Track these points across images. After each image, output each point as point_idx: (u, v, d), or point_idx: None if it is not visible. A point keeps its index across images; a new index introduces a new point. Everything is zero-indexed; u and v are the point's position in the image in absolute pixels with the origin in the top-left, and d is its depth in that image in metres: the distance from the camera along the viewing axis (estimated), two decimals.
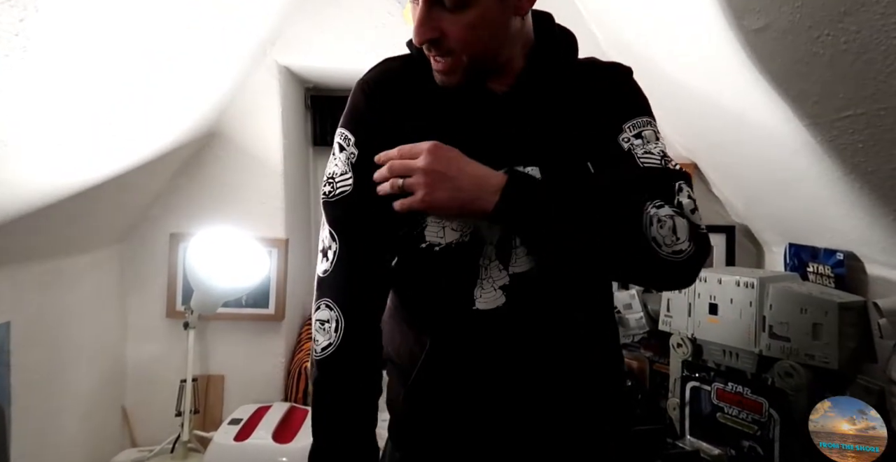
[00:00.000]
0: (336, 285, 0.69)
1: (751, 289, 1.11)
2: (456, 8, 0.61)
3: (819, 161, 0.95)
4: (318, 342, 0.69)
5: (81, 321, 1.32)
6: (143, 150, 1.23)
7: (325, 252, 0.70)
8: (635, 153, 0.66)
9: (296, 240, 1.68)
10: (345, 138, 0.71)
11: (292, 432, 1.35)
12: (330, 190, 0.70)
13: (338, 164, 0.70)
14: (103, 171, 1.13)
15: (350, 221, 0.70)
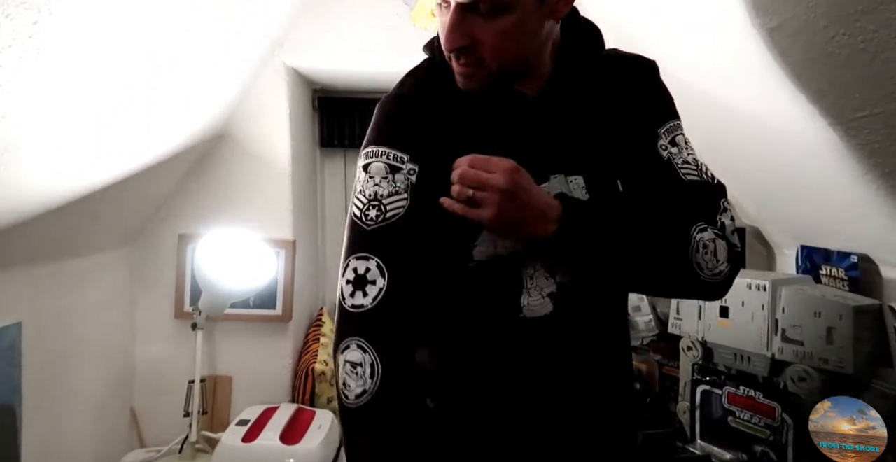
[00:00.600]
0: (376, 325, 0.62)
1: (763, 291, 1.10)
2: (491, 14, 0.58)
3: (834, 162, 0.94)
4: (348, 387, 0.62)
5: (90, 322, 1.32)
6: (152, 152, 1.24)
7: (362, 285, 0.63)
8: (675, 163, 0.67)
9: (303, 241, 1.68)
10: (395, 157, 0.66)
11: (300, 434, 1.35)
12: (377, 214, 0.64)
13: (384, 184, 0.64)
14: (113, 172, 1.14)
15: (402, 251, 0.64)
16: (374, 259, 0.63)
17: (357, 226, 0.65)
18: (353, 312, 0.63)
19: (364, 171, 0.66)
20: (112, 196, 1.20)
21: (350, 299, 0.63)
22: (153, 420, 1.50)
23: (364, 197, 0.65)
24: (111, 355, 1.42)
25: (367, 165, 0.66)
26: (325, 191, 1.90)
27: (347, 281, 0.63)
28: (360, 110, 1.81)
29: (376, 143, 0.67)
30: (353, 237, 0.65)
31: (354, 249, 0.65)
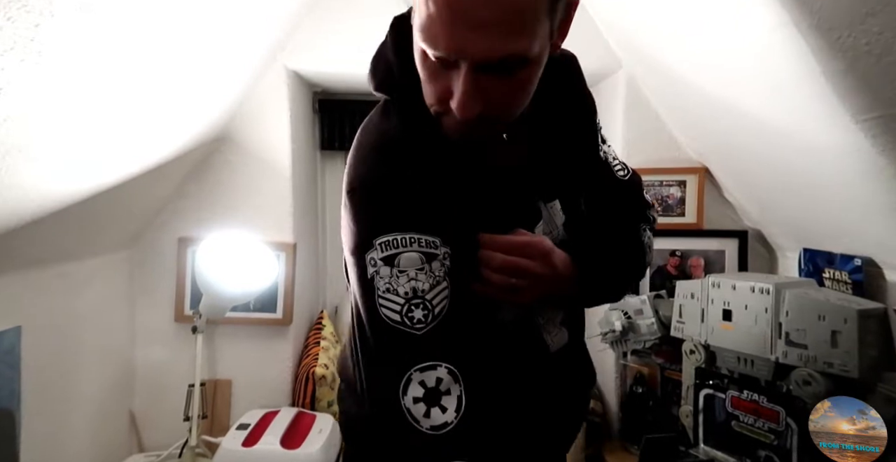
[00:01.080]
0: (472, 442, 0.53)
1: (766, 295, 1.09)
2: (511, 70, 0.51)
3: (838, 165, 0.94)
4: None
5: (90, 325, 1.31)
6: (153, 155, 1.24)
7: (436, 399, 0.52)
8: (609, 162, 0.74)
9: (304, 244, 1.67)
10: (428, 244, 0.55)
11: (300, 438, 1.34)
12: (424, 314, 0.54)
13: (422, 277, 0.54)
14: (114, 175, 1.14)
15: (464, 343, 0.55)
16: (443, 366, 0.53)
17: (400, 333, 0.53)
18: (436, 435, 0.51)
19: (388, 264, 0.54)
20: (113, 199, 1.20)
21: (426, 420, 0.52)
22: (153, 424, 1.50)
23: (398, 296, 0.54)
24: (111, 359, 1.42)
25: (393, 257, 0.54)
26: (326, 194, 1.89)
27: (416, 399, 0.52)
28: (360, 113, 1.78)
29: (400, 230, 0.54)
30: (401, 347, 0.54)
31: (413, 360, 0.53)
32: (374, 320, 0.54)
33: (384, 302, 0.54)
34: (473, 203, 0.59)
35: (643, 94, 1.45)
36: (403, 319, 0.54)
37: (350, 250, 0.57)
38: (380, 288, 0.54)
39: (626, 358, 1.49)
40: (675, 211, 1.45)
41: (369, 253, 0.54)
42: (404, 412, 0.52)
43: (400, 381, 0.52)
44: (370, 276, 0.54)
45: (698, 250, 1.45)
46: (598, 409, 1.49)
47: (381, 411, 0.54)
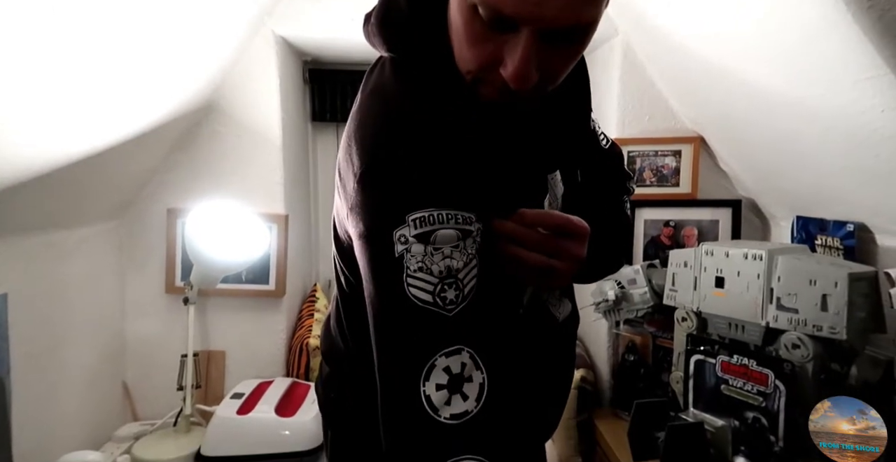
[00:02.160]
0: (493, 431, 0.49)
1: (759, 261, 1.10)
2: (576, 37, 0.49)
3: (835, 128, 0.93)
4: None
5: (79, 295, 1.30)
6: (138, 122, 1.20)
7: (459, 386, 0.49)
8: (597, 132, 0.75)
9: (296, 216, 1.66)
10: (465, 220, 0.51)
11: (295, 406, 1.35)
12: (456, 294, 0.50)
13: (457, 256, 0.50)
14: (97, 142, 1.11)
15: (486, 326, 0.52)
16: (466, 350, 0.49)
17: (430, 313, 0.49)
18: (454, 424, 0.48)
19: (422, 242, 0.49)
20: (99, 167, 1.17)
21: (447, 409, 0.48)
22: (146, 394, 1.50)
23: (432, 275, 0.49)
24: (101, 329, 1.41)
25: (429, 234, 0.50)
26: (318, 166, 1.87)
27: (438, 386, 0.48)
28: (352, 83, 1.77)
29: (436, 205, 0.50)
30: (430, 328, 0.49)
31: (441, 343, 0.49)
32: (401, 302, 0.49)
33: (414, 282, 0.50)
34: (501, 177, 0.55)
35: (639, 62, 1.42)
36: (436, 300, 0.49)
37: (369, 228, 0.52)
38: (410, 267, 0.49)
39: (619, 327, 1.50)
40: (669, 181, 1.45)
41: (399, 230, 0.50)
42: (422, 401, 0.48)
43: (423, 366, 0.48)
44: (398, 255, 0.50)
45: (692, 220, 1.45)
46: (589, 377, 1.51)
47: (395, 400, 0.50)
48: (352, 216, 0.54)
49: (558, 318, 0.69)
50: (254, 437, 1.26)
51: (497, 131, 0.57)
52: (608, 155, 0.76)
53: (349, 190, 0.55)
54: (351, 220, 0.55)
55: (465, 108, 0.54)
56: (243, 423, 1.26)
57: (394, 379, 0.50)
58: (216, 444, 1.24)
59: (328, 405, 0.72)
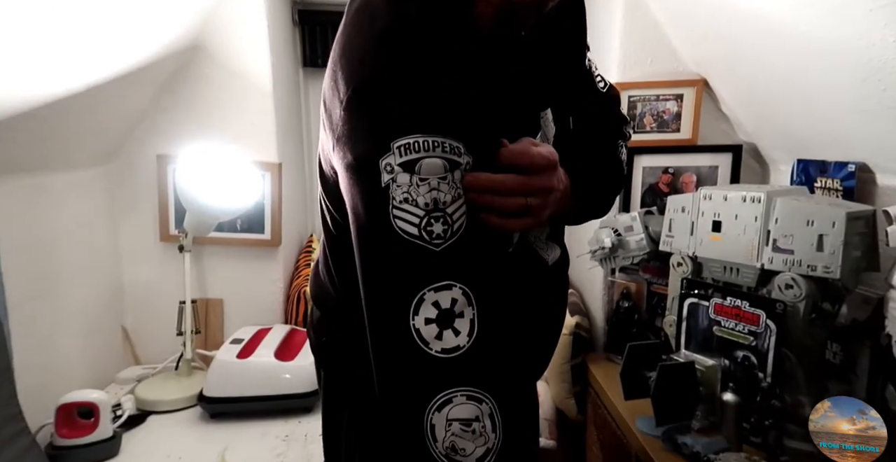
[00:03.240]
0: (484, 365, 0.49)
1: (757, 204, 1.09)
2: None
3: (842, 63, 0.90)
4: (462, 452, 0.47)
5: (72, 241, 1.29)
6: (122, 61, 1.16)
7: (449, 321, 0.48)
8: (593, 73, 0.72)
9: (289, 165, 1.63)
10: (453, 150, 0.49)
11: (294, 351, 1.37)
12: (444, 229, 0.48)
13: (444, 188, 0.48)
14: (80, 80, 1.07)
15: (479, 264, 0.51)
16: (458, 286, 0.48)
17: (416, 247, 0.48)
18: (445, 359, 0.48)
19: (408, 171, 0.47)
20: (83, 107, 1.13)
21: (437, 343, 0.48)
22: (146, 340, 1.52)
23: (418, 207, 0.48)
24: (97, 275, 1.41)
25: (414, 163, 0.47)
26: (311, 114, 1.82)
27: (427, 320, 0.48)
28: None
29: (422, 131, 0.48)
30: (416, 263, 0.48)
31: (429, 278, 0.48)
32: (387, 234, 0.48)
33: (400, 213, 0.48)
34: (492, 108, 0.53)
35: (642, 2, 1.36)
36: (421, 233, 0.48)
37: (356, 158, 0.50)
38: (396, 198, 0.48)
39: (614, 275, 1.51)
40: (670, 127, 1.42)
41: (385, 158, 0.48)
42: (412, 334, 0.48)
43: (411, 300, 0.48)
44: (384, 185, 0.48)
45: (691, 167, 1.44)
46: (584, 324, 1.54)
47: (384, 333, 0.50)
48: (338, 148, 0.52)
49: (548, 261, 0.69)
50: (255, 380, 1.28)
51: (490, 60, 0.54)
52: (603, 97, 0.73)
53: (335, 119, 0.53)
54: (337, 152, 0.52)
55: (458, 27, 0.51)
56: (244, 367, 1.29)
57: (381, 313, 0.50)
58: (218, 386, 1.27)
59: (320, 348, 0.73)
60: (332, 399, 0.74)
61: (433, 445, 0.47)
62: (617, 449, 1.29)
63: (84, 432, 1.07)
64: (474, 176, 0.51)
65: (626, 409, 1.22)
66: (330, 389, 0.74)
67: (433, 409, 0.47)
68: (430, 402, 0.47)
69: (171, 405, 1.29)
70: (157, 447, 1.14)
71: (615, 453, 1.30)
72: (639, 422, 1.18)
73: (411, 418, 0.48)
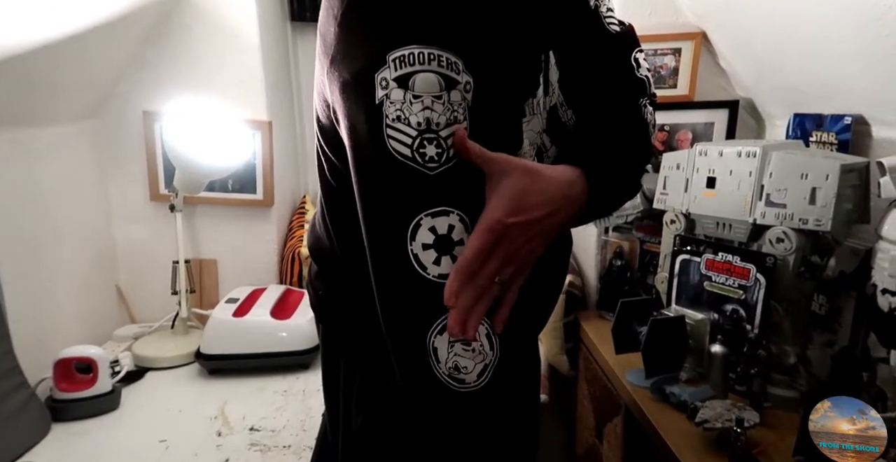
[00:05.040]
0: None
1: (752, 158, 1.09)
2: None
3: (846, 8, 0.88)
4: (464, 370, 0.48)
5: (60, 199, 1.27)
6: (101, 8, 1.11)
7: (449, 247, 0.47)
8: (601, 12, 0.64)
9: (280, 124, 1.60)
10: (450, 65, 0.45)
11: (290, 310, 1.38)
12: (438, 152, 0.46)
13: (438, 108, 0.46)
14: (58, 28, 1.02)
15: (479, 193, 0.49)
16: (456, 213, 0.47)
17: (410, 170, 0.46)
18: (443, 283, 0.47)
19: (401, 86, 0.45)
20: (61, 58, 1.09)
21: (435, 268, 0.47)
22: (141, 299, 1.52)
23: (410, 127, 0.45)
24: (88, 234, 1.39)
25: (407, 77, 0.45)
26: (300, 71, 1.77)
27: (425, 245, 0.47)
28: None
29: (419, 40, 0.45)
30: (410, 185, 0.47)
31: (424, 203, 0.47)
32: (381, 154, 0.46)
33: (393, 132, 0.46)
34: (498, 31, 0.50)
35: None
36: (414, 155, 0.46)
37: (352, 74, 0.47)
38: (389, 115, 0.46)
39: (608, 233, 1.52)
40: (667, 82, 1.40)
41: (380, 72, 0.45)
42: (410, 259, 0.47)
43: (408, 224, 0.47)
44: (378, 101, 0.46)
45: (687, 124, 1.42)
46: (577, 282, 1.55)
47: (384, 258, 0.49)
48: (332, 71, 0.50)
49: None
50: (251, 338, 1.29)
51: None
52: (617, 42, 0.65)
53: (328, 41, 0.50)
54: (331, 75, 0.50)
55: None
56: (240, 325, 1.30)
57: (380, 238, 0.49)
58: (215, 343, 1.28)
59: (318, 302, 0.73)
60: (330, 349, 0.74)
61: (436, 366, 0.48)
62: (607, 401, 1.33)
63: (83, 386, 1.09)
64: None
65: (616, 363, 1.25)
66: (328, 342, 0.75)
67: (435, 331, 0.48)
68: (432, 325, 0.48)
69: (168, 362, 1.31)
70: (156, 401, 1.16)
71: (605, 405, 1.34)
72: (628, 374, 1.21)
73: (414, 341, 0.48)
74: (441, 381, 0.48)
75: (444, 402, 0.50)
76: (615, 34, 0.65)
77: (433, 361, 0.48)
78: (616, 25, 0.65)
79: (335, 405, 0.73)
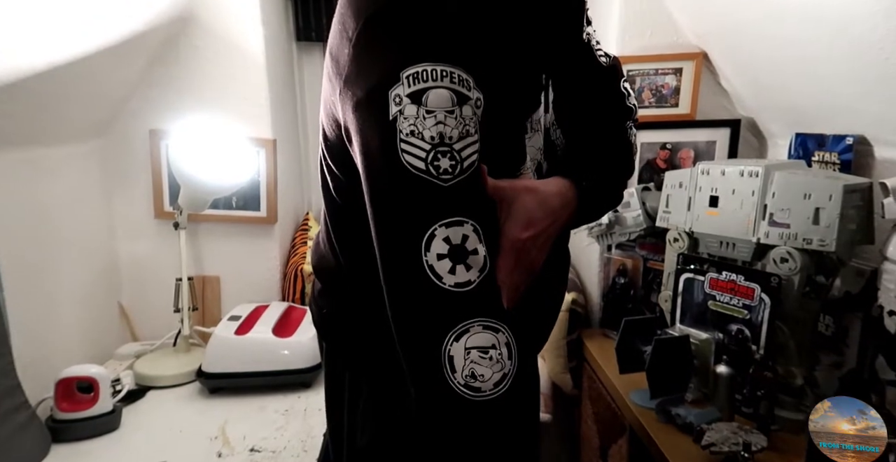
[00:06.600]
0: (494, 296, 0.51)
1: (755, 178, 1.09)
2: None
3: (845, 31, 0.89)
4: (481, 378, 0.49)
5: (65, 216, 1.28)
6: (112, 31, 1.13)
7: (463, 257, 0.49)
8: (592, 46, 0.70)
9: (284, 141, 1.61)
10: (462, 81, 0.47)
11: (291, 328, 1.37)
12: (452, 165, 0.48)
13: (451, 122, 0.47)
14: (69, 51, 1.04)
15: (489, 204, 0.52)
16: (470, 223, 0.49)
17: (424, 182, 0.47)
18: (459, 292, 0.49)
19: (414, 102, 0.47)
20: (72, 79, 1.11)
21: (451, 277, 0.48)
22: (143, 316, 1.52)
23: (423, 141, 0.47)
24: (92, 252, 1.40)
25: (421, 93, 0.47)
26: (305, 90, 1.79)
27: (440, 255, 0.48)
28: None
29: (432, 58, 0.47)
30: (425, 197, 0.48)
31: (439, 214, 0.48)
32: (395, 169, 0.48)
33: (407, 147, 0.47)
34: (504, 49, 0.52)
35: None
36: (429, 168, 0.47)
37: (366, 92, 0.49)
38: (403, 131, 0.47)
39: (611, 251, 1.52)
40: (668, 101, 1.40)
41: (394, 89, 0.47)
42: (425, 269, 0.48)
43: (423, 235, 0.48)
44: (392, 117, 0.47)
45: (689, 142, 1.43)
46: (580, 300, 1.55)
47: (398, 269, 0.50)
48: (345, 91, 0.51)
49: None
50: (253, 356, 1.29)
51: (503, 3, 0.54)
52: (607, 72, 0.72)
53: (342, 63, 0.52)
54: (344, 95, 0.52)
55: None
56: (242, 343, 1.29)
57: (394, 250, 0.50)
58: (217, 362, 1.27)
59: (321, 320, 0.73)
60: (334, 366, 0.74)
61: (451, 376, 0.48)
62: (611, 421, 1.31)
63: (84, 406, 1.08)
64: None
65: (620, 382, 1.24)
66: (332, 359, 0.75)
67: (451, 339, 0.48)
68: (448, 333, 0.48)
69: (170, 380, 1.30)
70: (157, 421, 1.15)
71: (610, 425, 1.33)
72: (633, 394, 1.20)
73: (429, 352, 0.49)
74: (455, 391, 0.48)
75: (457, 413, 0.50)
76: (606, 66, 0.71)
77: (448, 371, 0.48)
78: (604, 57, 0.71)
79: (339, 424, 0.73)
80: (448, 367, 0.48)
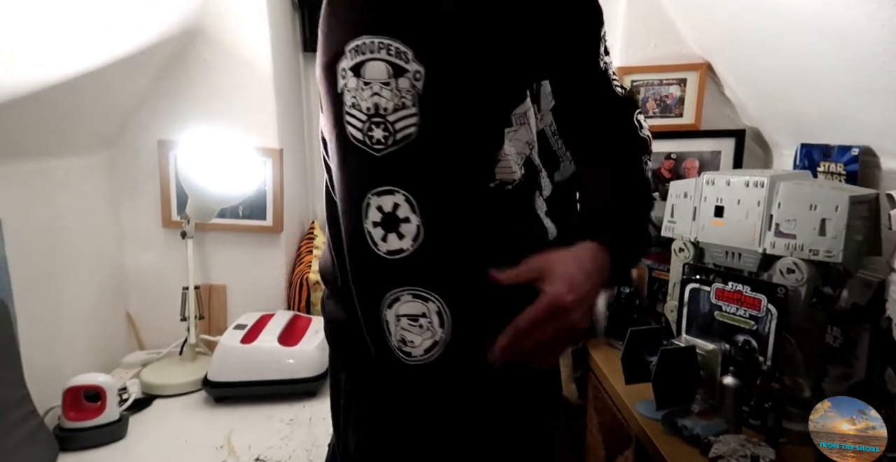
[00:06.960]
0: (429, 268, 0.51)
1: (760, 188, 1.09)
2: None
3: (849, 43, 0.89)
4: (410, 343, 0.51)
5: (74, 226, 1.30)
6: (121, 44, 1.15)
7: (394, 225, 0.50)
8: (609, 75, 0.71)
9: (290, 151, 1.62)
10: (398, 53, 0.48)
11: (297, 337, 1.38)
12: (384, 135, 0.49)
13: (385, 93, 0.48)
14: (80, 64, 1.06)
15: (427, 176, 0.51)
16: (400, 192, 0.50)
17: (362, 152, 0.50)
18: (391, 259, 0.50)
19: (355, 74, 0.49)
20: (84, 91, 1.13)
21: (384, 244, 0.50)
22: (149, 325, 1.53)
23: (361, 112, 0.49)
24: (100, 260, 1.41)
25: (360, 66, 0.48)
26: (311, 100, 1.81)
27: (374, 223, 0.50)
28: None
29: (371, 31, 0.48)
30: (361, 166, 0.51)
31: (371, 183, 0.50)
32: (343, 139, 0.51)
33: (349, 118, 0.50)
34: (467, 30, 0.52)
35: None
36: (365, 138, 0.50)
37: (323, 66, 0.52)
38: (347, 102, 0.50)
39: None
40: (673, 111, 1.41)
41: (341, 62, 0.49)
42: (366, 235, 0.51)
43: (361, 202, 0.51)
44: (340, 90, 0.50)
45: (693, 152, 1.43)
46: None
47: (346, 233, 0.54)
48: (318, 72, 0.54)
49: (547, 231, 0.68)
50: (259, 365, 1.29)
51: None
52: (621, 101, 0.73)
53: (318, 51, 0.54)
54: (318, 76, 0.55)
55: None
56: (247, 352, 1.30)
57: (344, 214, 0.53)
58: (222, 371, 1.28)
59: (328, 325, 0.75)
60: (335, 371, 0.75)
61: (389, 339, 0.52)
62: (617, 431, 1.30)
63: (91, 415, 1.09)
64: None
65: (626, 392, 1.23)
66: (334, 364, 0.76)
67: (384, 306, 0.51)
68: (382, 299, 0.51)
69: (176, 389, 1.31)
70: (163, 430, 1.16)
71: (615, 436, 1.32)
72: (639, 405, 1.19)
73: (371, 314, 0.53)
74: (393, 353, 0.52)
75: (396, 373, 0.53)
76: (621, 96, 0.72)
77: (387, 333, 0.52)
78: (620, 88, 0.72)
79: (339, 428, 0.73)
80: (387, 330, 0.52)
